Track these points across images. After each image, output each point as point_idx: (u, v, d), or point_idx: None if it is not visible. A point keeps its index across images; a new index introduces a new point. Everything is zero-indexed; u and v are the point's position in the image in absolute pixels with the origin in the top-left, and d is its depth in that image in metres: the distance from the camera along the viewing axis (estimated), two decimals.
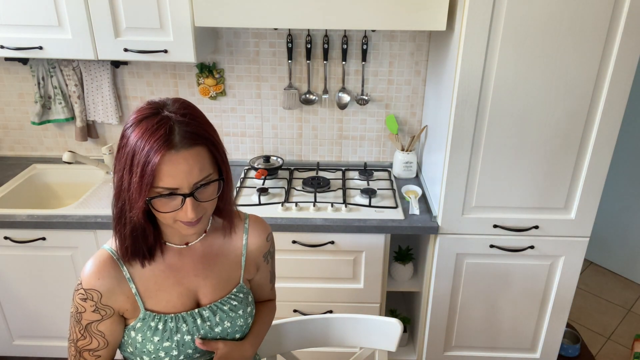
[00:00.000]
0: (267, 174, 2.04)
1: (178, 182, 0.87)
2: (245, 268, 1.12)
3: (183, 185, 0.88)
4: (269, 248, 1.17)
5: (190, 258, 1.06)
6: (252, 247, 1.13)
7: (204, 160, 0.90)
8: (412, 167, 2.12)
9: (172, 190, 0.88)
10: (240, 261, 1.12)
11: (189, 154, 0.87)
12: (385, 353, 1.33)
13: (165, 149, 0.85)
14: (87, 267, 1.00)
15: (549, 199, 1.72)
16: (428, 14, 1.59)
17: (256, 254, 1.14)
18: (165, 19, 1.67)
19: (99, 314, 0.99)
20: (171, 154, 0.85)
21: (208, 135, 0.91)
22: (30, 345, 2.08)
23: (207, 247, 1.09)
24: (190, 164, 0.87)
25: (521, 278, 1.86)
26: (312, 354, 2.00)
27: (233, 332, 1.09)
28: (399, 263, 2.00)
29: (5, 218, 1.77)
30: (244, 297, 1.11)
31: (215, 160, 0.94)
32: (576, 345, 2.25)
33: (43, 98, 2.08)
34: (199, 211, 0.93)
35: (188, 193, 0.89)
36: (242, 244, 1.12)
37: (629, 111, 2.68)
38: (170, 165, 0.86)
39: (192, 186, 0.89)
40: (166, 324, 1.02)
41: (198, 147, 0.88)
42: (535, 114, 1.59)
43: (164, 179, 0.87)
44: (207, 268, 1.08)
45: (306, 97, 2.11)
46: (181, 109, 0.91)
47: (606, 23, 1.46)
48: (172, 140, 0.86)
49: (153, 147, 0.85)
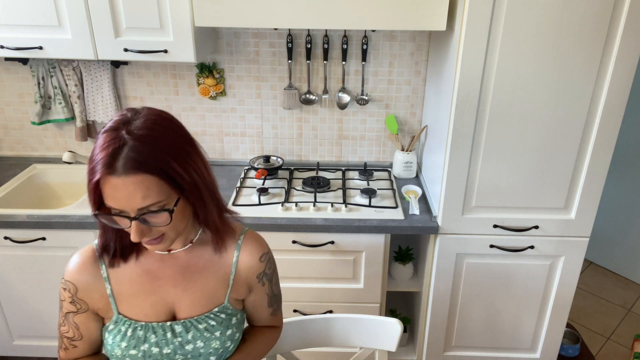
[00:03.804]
0: (267, 174, 2.04)
1: (120, 204, 0.84)
2: (232, 287, 1.05)
3: (126, 208, 0.84)
4: (264, 269, 1.08)
5: (171, 267, 1.01)
6: (243, 266, 1.05)
7: (149, 188, 0.83)
8: (412, 167, 2.12)
9: (119, 211, 0.85)
10: (228, 279, 1.04)
11: (129, 180, 0.82)
12: (385, 353, 1.33)
13: (105, 172, 0.82)
14: (71, 258, 1.01)
15: (549, 199, 1.72)
16: (428, 14, 1.59)
17: (247, 274, 1.06)
18: (165, 19, 1.67)
19: (75, 306, 1.01)
20: (112, 177, 0.82)
21: (158, 163, 0.84)
22: (30, 345, 2.08)
23: (193, 258, 1.02)
24: (129, 190, 0.82)
25: (521, 278, 1.86)
26: (312, 354, 2.00)
27: (206, 353, 1.02)
28: (399, 263, 2.00)
29: (5, 218, 1.77)
30: (227, 318, 1.04)
31: (173, 185, 0.87)
32: (576, 345, 2.25)
33: (43, 98, 2.08)
34: (153, 234, 0.89)
35: (133, 217, 0.85)
36: (232, 261, 1.04)
37: (629, 111, 2.68)
38: (111, 189, 0.83)
39: (136, 211, 0.84)
40: (135, 332, 0.99)
41: (140, 175, 0.82)
42: (535, 114, 1.59)
43: (107, 199, 0.84)
44: (189, 280, 1.02)
45: (306, 97, 2.11)
46: (143, 129, 0.84)
47: (606, 23, 1.46)
48: (114, 164, 0.81)
49: (96, 166, 0.83)
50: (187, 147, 0.89)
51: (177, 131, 0.90)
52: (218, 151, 2.25)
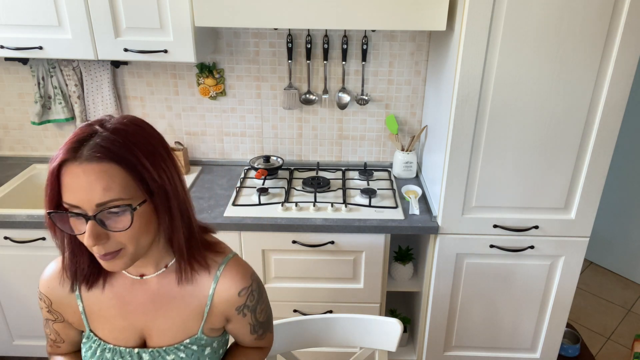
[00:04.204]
0: (267, 174, 2.04)
1: (78, 198, 0.76)
2: (207, 319, 0.96)
3: (83, 204, 0.76)
4: (244, 302, 0.97)
5: (142, 293, 0.95)
6: (220, 299, 0.95)
7: (112, 180, 0.76)
8: (412, 167, 2.12)
9: (74, 207, 0.77)
10: (202, 311, 0.95)
11: (91, 168, 0.75)
12: (385, 353, 1.33)
13: (67, 157, 0.76)
14: (46, 269, 0.97)
15: (549, 199, 1.72)
16: (428, 14, 1.59)
17: (225, 307, 0.96)
18: (165, 19, 1.67)
19: (52, 315, 1.00)
20: (73, 165, 0.75)
21: (127, 154, 0.77)
22: (30, 345, 2.08)
23: (165, 285, 0.94)
24: (90, 179, 0.75)
25: (521, 278, 1.86)
26: (312, 354, 2.00)
27: None
28: (399, 263, 2.00)
29: (5, 218, 1.76)
30: (199, 349, 0.97)
31: (140, 184, 0.80)
32: (576, 345, 2.25)
33: (43, 98, 2.08)
34: (110, 243, 0.80)
35: (90, 215, 0.76)
36: (208, 292, 0.94)
37: (629, 111, 2.68)
38: (70, 177, 0.76)
39: (94, 207, 0.76)
40: (104, 353, 0.96)
41: (105, 164, 0.75)
42: (535, 114, 1.59)
43: (65, 193, 0.77)
44: (159, 309, 0.94)
45: (306, 97, 2.11)
46: (116, 124, 0.80)
47: (606, 23, 1.46)
48: (79, 150, 0.76)
49: (59, 153, 0.77)
50: (160, 150, 0.83)
51: (153, 134, 0.85)
52: (218, 151, 2.25)
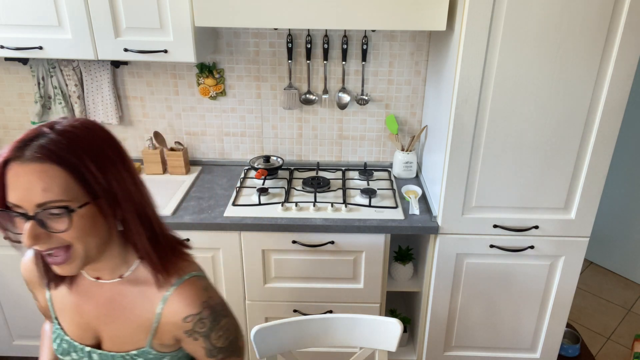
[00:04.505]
0: (267, 174, 2.04)
1: (19, 197, 0.77)
2: (155, 336, 0.94)
3: (24, 203, 0.77)
4: (192, 328, 0.91)
5: (97, 296, 0.95)
6: (167, 321, 0.92)
7: (52, 181, 0.77)
8: (412, 167, 2.12)
9: (16, 206, 0.78)
10: (150, 326, 0.93)
11: (31, 168, 0.76)
12: (385, 353, 1.33)
13: (11, 156, 0.77)
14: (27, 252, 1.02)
15: (549, 199, 1.72)
16: (428, 14, 1.59)
17: (172, 328, 0.92)
18: (165, 19, 1.67)
19: (32, 295, 1.07)
20: (16, 164, 0.77)
21: (70, 157, 0.78)
22: (30, 345, 2.08)
23: (118, 294, 0.94)
24: (30, 180, 0.76)
25: (521, 278, 1.86)
26: (312, 354, 2.00)
27: None
28: (399, 263, 2.00)
29: None
30: None
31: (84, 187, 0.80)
32: (576, 345, 2.25)
33: (43, 98, 2.08)
34: (52, 241, 0.80)
35: (30, 215, 0.78)
36: (155, 311, 0.92)
37: (629, 111, 2.68)
38: (12, 176, 0.77)
39: (34, 207, 0.77)
40: (61, 343, 0.99)
41: (47, 165, 0.76)
42: (535, 114, 1.59)
43: (8, 192, 0.78)
44: (110, 315, 0.95)
45: (306, 97, 2.11)
46: (66, 126, 0.81)
47: (606, 23, 1.46)
48: (22, 150, 0.77)
49: (4, 151, 0.78)
50: (109, 152, 0.83)
51: (103, 137, 0.85)
52: (218, 151, 2.25)
